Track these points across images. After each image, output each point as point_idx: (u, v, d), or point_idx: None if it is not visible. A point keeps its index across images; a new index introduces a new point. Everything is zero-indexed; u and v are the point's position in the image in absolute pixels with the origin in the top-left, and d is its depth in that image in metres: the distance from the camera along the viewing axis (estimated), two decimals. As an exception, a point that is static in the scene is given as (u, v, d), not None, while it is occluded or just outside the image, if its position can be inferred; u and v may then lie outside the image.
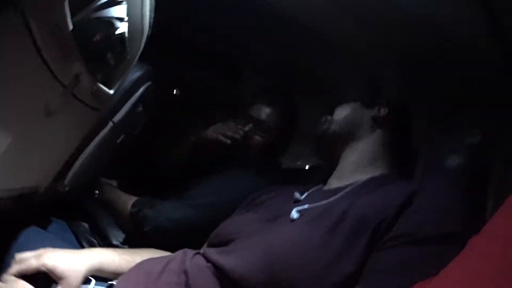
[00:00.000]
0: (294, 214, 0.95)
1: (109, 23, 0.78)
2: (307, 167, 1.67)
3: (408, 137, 1.18)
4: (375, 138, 1.12)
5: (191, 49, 1.82)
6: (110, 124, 1.21)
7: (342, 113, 1.18)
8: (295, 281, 0.78)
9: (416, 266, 0.72)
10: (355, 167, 1.08)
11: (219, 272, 0.86)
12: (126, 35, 0.87)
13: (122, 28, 0.81)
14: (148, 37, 1.05)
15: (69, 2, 0.67)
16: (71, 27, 0.69)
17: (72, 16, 0.71)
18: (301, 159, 1.73)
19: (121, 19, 0.79)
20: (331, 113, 1.21)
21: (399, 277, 0.72)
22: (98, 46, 0.82)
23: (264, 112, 1.59)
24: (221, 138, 1.52)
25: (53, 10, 0.65)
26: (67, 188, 1.17)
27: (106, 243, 1.38)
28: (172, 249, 1.08)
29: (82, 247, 1.32)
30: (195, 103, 2.00)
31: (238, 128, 1.55)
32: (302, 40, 1.51)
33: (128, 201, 1.41)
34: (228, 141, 1.52)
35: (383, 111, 1.14)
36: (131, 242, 1.38)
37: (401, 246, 0.76)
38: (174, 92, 2.07)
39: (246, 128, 1.56)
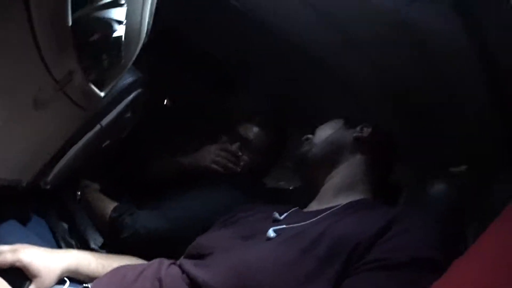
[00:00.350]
0: (271, 233, 0.95)
1: (108, 24, 0.78)
2: (290, 187, 1.66)
3: (390, 163, 1.18)
4: (357, 162, 1.11)
5: (188, 58, 1.83)
6: (98, 126, 1.21)
7: (323, 134, 1.17)
8: None
9: None
10: (336, 191, 1.08)
11: (192, 283, 0.85)
12: (123, 38, 0.87)
13: (120, 31, 0.81)
14: (144, 44, 1.06)
15: (71, -2, 0.68)
16: (70, 22, 0.70)
17: (73, 12, 0.71)
18: (285, 180, 1.73)
19: (119, 22, 0.80)
20: (312, 133, 1.21)
21: None
22: (95, 45, 0.82)
23: (253, 132, 1.60)
24: (215, 167, 1.52)
25: (56, 1, 0.66)
26: (49, 186, 1.16)
27: (84, 246, 1.36)
28: (148, 258, 1.07)
29: (60, 247, 1.30)
30: (184, 115, 2.00)
31: (232, 154, 1.55)
32: (302, 70, 1.53)
33: (109, 205, 1.40)
34: (222, 170, 1.52)
35: (366, 131, 1.14)
36: (109, 247, 1.37)
37: (374, 271, 0.75)
38: (165, 103, 2.06)
39: (233, 148, 1.56)
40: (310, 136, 1.20)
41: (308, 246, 0.83)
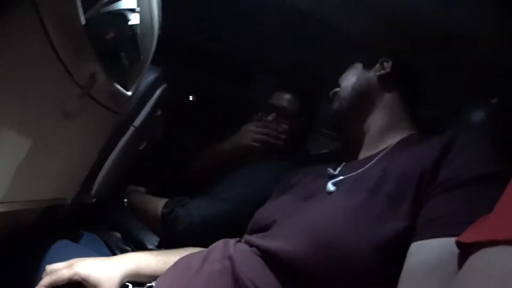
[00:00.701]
0: (330, 186, 0.93)
1: (121, 15, 0.76)
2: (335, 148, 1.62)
3: (421, 92, 1.13)
4: (389, 101, 1.07)
5: (200, 55, 1.81)
6: (132, 128, 1.20)
7: (347, 83, 1.13)
8: (345, 247, 0.74)
9: (466, 208, 0.68)
10: (381, 135, 1.04)
11: (264, 254, 0.83)
12: (138, 30, 0.85)
13: (134, 19, 0.79)
14: (158, 38, 1.03)
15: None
16: (83, 21, 0.68)
17: (84, 13, 0.69)
18: (326, 147, 1.69)
19: (132, 10, 0.77)
20: (338, 85, 1.16)
21: (452, 222, 0.67)
22: (112, 43, 0.80)
23: (286, 99, 1.57)
24: (256, 145, 1.50)
25: (65, 2, 0.64)
26: (94, 199, 1.15)
27: (141, 249, 1.35)
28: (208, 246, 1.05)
29: (116, 256, 1.30)
30: (210, 108, 1.98)
31: (271, 127, 1.52)
32: (317, 37, 1.50)
33: (159, 203, 1.37)
34: (263, 147, 1.50)
35: (387, 66, 1.09)
36: (166, 245, 1.35)
37: (447, 191, 0.72)
38: (190, 98, 2.05)
39: (271, 120, 1.54)
40: (337, 89, 1.16)
41: (374, 187, 0.80)
